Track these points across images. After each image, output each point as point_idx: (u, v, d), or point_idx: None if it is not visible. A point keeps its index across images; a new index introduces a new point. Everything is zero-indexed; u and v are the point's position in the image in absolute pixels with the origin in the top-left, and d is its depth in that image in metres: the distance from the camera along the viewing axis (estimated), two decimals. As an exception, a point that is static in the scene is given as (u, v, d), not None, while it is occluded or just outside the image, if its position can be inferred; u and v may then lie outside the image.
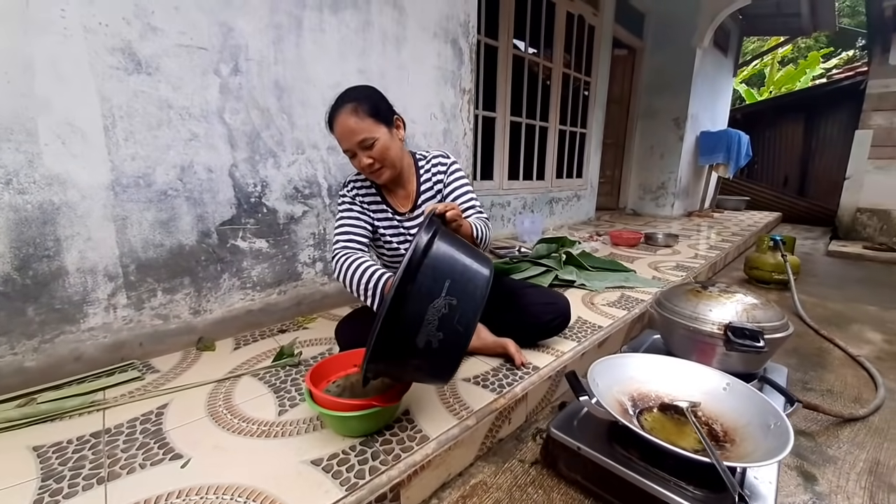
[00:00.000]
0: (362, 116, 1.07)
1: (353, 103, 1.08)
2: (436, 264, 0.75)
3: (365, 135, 1.07)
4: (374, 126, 1.08)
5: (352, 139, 1.08)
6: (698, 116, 4.79)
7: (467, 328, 0.75)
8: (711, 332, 1.08)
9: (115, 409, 1.01)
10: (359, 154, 1.10)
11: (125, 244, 1.18)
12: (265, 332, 1.46)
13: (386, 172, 1.14)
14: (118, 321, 1.20)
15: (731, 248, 3.08)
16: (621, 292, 1.91)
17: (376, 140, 1.09)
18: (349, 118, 1.07)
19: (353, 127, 1.07)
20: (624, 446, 0.84)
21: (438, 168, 1.26)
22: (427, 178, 1.26)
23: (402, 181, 1.24)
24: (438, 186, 1.26)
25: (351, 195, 1.23)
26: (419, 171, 1.27)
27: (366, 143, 1.08)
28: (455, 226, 0.94)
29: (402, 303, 0.72)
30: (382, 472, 0.80)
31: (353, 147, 1.10)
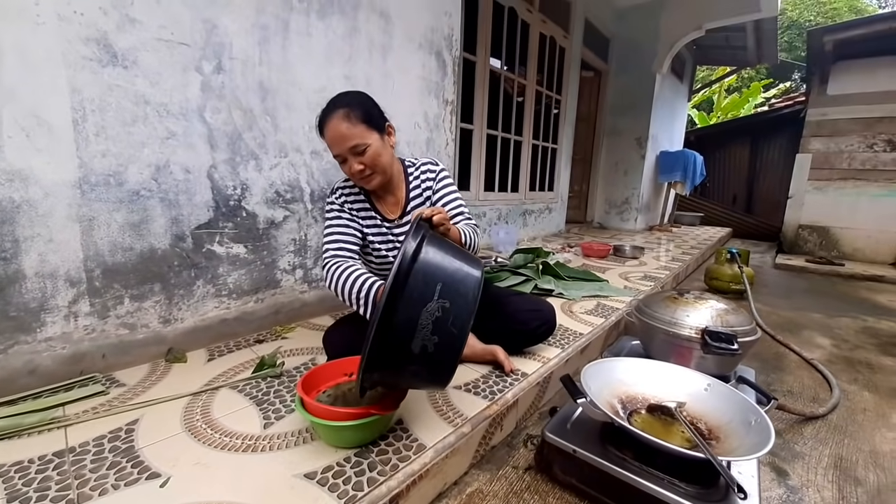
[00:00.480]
0: (354, 122, 1.06)
1: (346, 108, 1.07)
2: (426, 268, 0.74)
3: (357, 140, 1.06)
4: (366, 132, 1.08)
5: (343, 144, 1.07)
6: (658, 137, 5.10)
7: (462, 330, 0.74)
8: (689, 337, 1.14)
9: (78, 426, 0.92)
10: (350, 160, 1.09)
11: (91, 247, 1.10)
12: (241, 343, 1.39)
13: (376, 179, 1.14)
14: (79, 331, 1.11)
15: (691, 261, 3.27)
16: (597, 301, 1.98)
17: (368, 146, 1.08)
18: (341, 123, 1.06)
19: (345, 132, 1.06)
20: (617, 447, 0.87)
21: (427, 175, 1.27)
22: (416, 184, 1.26)
23: (391, 188, 1.23)
24: (427, 193, 1.26)
25: (339, 202, 1.20)
26: (408, 178, 1.27)
27: (357, 149, 1.07)
28: (443, 230, 0.94)
29: (395, 309, 0.71)
30: (381, 482, 0.77)
31: (344, 153, 1.08)
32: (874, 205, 3.84)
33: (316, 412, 0.83)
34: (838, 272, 3.47)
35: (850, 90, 3.99)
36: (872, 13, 14.57)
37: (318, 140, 1.53)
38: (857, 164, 3.93)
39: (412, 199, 1.25)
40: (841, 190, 3.93)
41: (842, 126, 4.01)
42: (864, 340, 1.97)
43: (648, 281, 2.44)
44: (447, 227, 0.95)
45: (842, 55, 3.92)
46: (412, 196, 1.25)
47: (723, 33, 5.00)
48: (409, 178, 1.26)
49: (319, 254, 1.64)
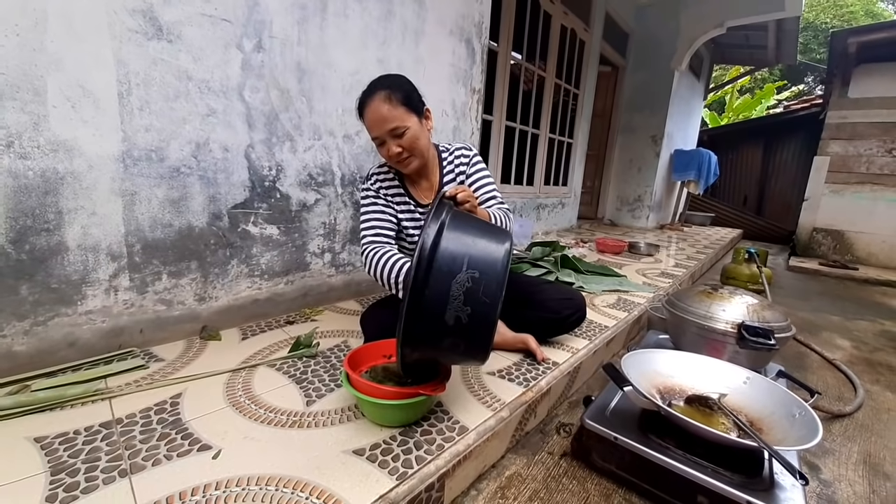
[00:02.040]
0: (395, 104, 1.06)
1: (387, 91, 1.06)
2: (452, 240, 0.75)
3: (397, 123, 1.06)
4: (405, 115, 1.07)
5: (383, 126, 1.07)
6: (673, 135, 5.07)
7: (493, 299, 0.74)
8: (725, 331, 1.14)
9: (122, 398, 0.94)
10: (388, 142, 1.09)
11: (132, 222, 1.10)
12: (272, 323, 1.40)
13: (414, 162, 1.13)
14: (119, 305, 1.11)
15: (705, 260, 3.27)
16: (617, 295, 1.98)
17: (407, 129, 1.08)
18: (382, 105, 1.05)
19: (386, 114, 1.05)
20: (659, 435, 0.87)
21: (461, 160, 1.27)
22: (450, 169, 1.26)
23: (426, 172, 1.23)
24: (461, 178, 1.26)
25: (375, 188, 1.20)
26: (442, 163, 1.27)
27: (397, 132, 1.07)
28: (468, 207, 0.94)
29: (426, 283, 0.72)
30: (430, 461, 0.78)
31: (383, 135, 1.08)
32: (891, 210, 3.82)
33: (364, 390, 0.84)
34: (852, 276, 3.46)
35: (871, 94, 3.95)
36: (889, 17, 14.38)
37: (351, 124, 1.54)
38: (876, 169, 3.90)
39: (445, 185, 1.25)
40: (858, 194, 3.91)
41: (861, 130, 3.98)
42: (883, 343, 1.97)
43: (666, 278, 2.43)
44: (473, 205, 0.95)
45: (864, 58, 3.87)
46: (446, 181, 1.25)
47: (743, 31, 4.94)
48: (442, 163, 1.26)
49: (357, 239, 1.64)
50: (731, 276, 2.61)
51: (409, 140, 1.09)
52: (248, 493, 0.68)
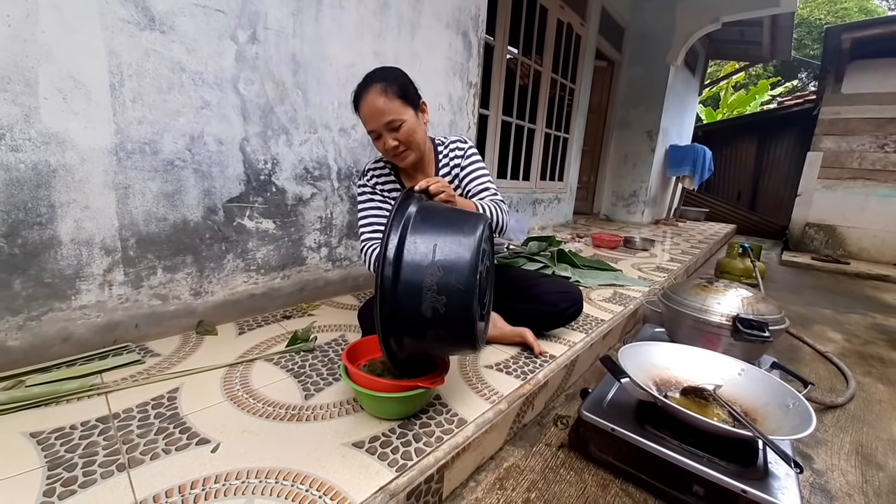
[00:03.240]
0: (391, 97, 1.05)
1: (383, 83, 1.06)
2: (418, 232, 0.75)
3: (393, 116, 1.05)
4: (402, 108, 1.07)
5: (379, 120, 1.06)
6: (668, 130, 5.08)
7: (467, 286, 0.72)
8: (719, 324, 1.15)
9: (118, 393, 0.93)
10: (384, 135, 1.08)
11: (126, 215, 1.09)
12: (268, 318, 1.39)
13: (410, 155, 1.13)
14: (113, 300, 1.10)
15: (700, 254, 3.29)
16: (613, 290, 1.99)
17: (403, 122, 1.07)
18: (378, 98, 1.05)
19: (382, 107, 1.05)
20: (655, 426, 0.88)
21: (456, 153, 1.26)
22: (445, 163, 1.26)
23: (422, 166, 1.23)
24: (456, 171, 1.26)
25: (371, 184, 1.20)
26: (438, 157, 1.27)
27: (393, 125, 1.07)
28: (444, 198, 0.91)
29: (396, 278, 0.72)
30: (429, 453, 0.78)
31: (379, 128, 1.08)
32: (882, 205, 3.86)
33: (363, 383, 0.84)
34: (844, 270, 3.50)
35: (864, 90, 3.98)
36: (882, 14, 14.46)
37: (347, 117, 1.53)
38: (868, 164, 3.94)
39: (440, 174, 1.25)
40: (850, 189, 3.95)
41: (854, 125, 4.01)
42: (874, 336, 2.00)
43: (661, 272, 2.45)
44: (449, 195, 0.93)
45: (858, 54, 3.90)
46: (441, 174, 1.24)
47: (738, 27, 4.94)
48: (438, 157, 1.26)
49: (355, 235, 1.64)
50: (726, 270, 2.64)
51: (405, 133, 1.08)
52: (248, 486, 0.68)
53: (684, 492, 0.81)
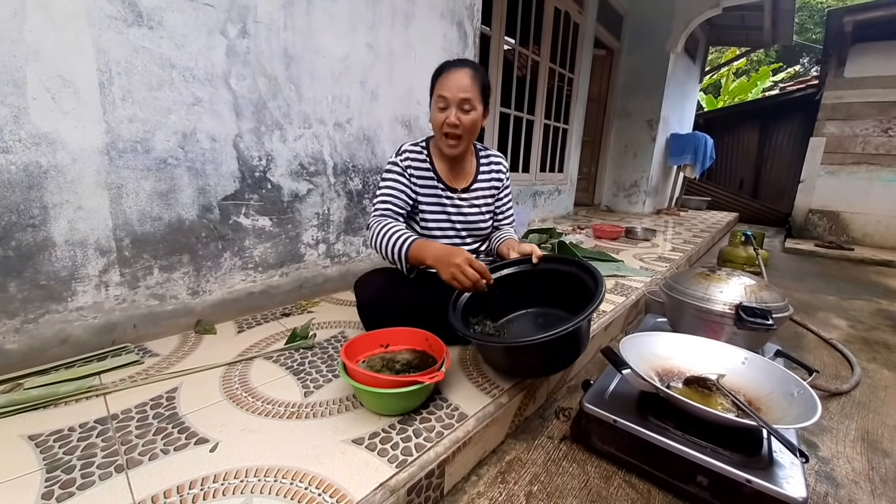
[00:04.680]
0: (476, 83, 1.10)
1: (474, 70, 1.11)
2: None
3: (471, 96, 1.10)
4: (478, 97, 1.12)
5: (458, 93, 1.09)
6: (669, 119, 5.03)
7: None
8: (722, 312, 1.14)
9: (116, 394, 0.92)
10: (453, 109, 1.10)
11: (120, 215, 1.08)
12: (268, 316, 1.38)
13: (462, 143, 1.16)
14: (110, 300, 1.10)
15: (702, 244, 3.27)
16: (615, 280, 1.97)
17: (474, 109, 1.12)
18: (466, 76, 1.09)
19: (467, 84, 1.09)
20: (658, 417, 0.87)
21: (498, 172, 1.33)
22: (486, 169, 1.31)
23: (462, 163, 1.26)
24: (496, 185, 1.32)
25: (403, 165, 1.19)
26: (478, 156, 1.31)
27: (465, 105, 1.10)
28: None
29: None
30: (429, 448, 0.78)
31: (453, 100, 1.10)
32: (886, 190, 3.82)
33: (362, 379, 0.83)
34: (848, 256, 3.47)
35: (867, 73, 3.92)
36: (886, -5, 14.18)
37: (341, 112, 1.51)
38: (871, 149, 3.89)
39: (479, 179, 1.29)
40: (854, 174, 3.90)
41: (857, 109, 3.95)
42: (879, 322, 1.98)
43: (663, 262, 2.43)
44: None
45: (861, 37, 3.83)
46: (481, 176, 1.29)
47: (739, 12, 4.86)
48: (479, 157, 1.31)
49: (353, 231, 1.64)
50: (728, 258, 2.61)
51: (470, 120, 1.12)
52: (247, 485, 0.68)
53: (688, 482, 0.80)
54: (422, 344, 1.03)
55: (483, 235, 1.32)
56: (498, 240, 1.31)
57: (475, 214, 1.27)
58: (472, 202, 1.27)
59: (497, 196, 1.33)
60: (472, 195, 1.27)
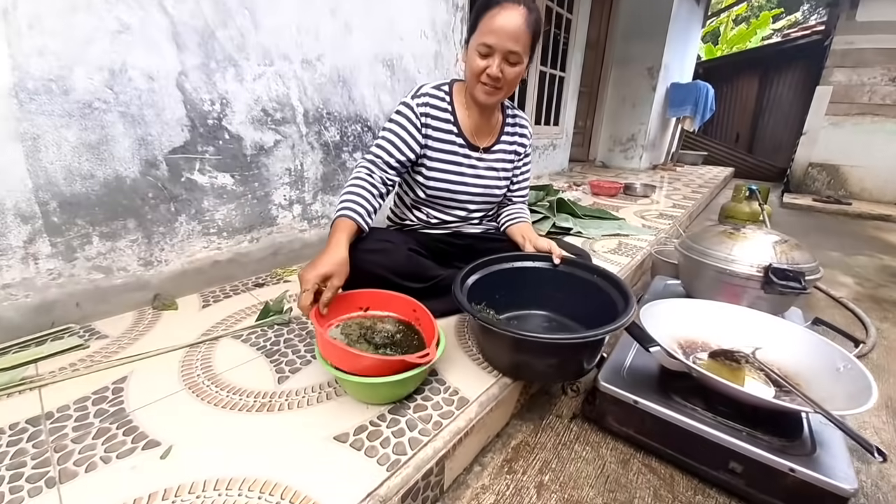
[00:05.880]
0: (529, 30, 0.90)
1: (528, 13, 0.89)
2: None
3: (520, 48, 0.90)
4: (528, 48, 0.93)
5: (507, 42, 0.89)
6: (670, 66, 4.73)
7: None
8: (748, 275, 1.02)
9: (54, 386, 0.78)
10: (496, 59, 0.91)
11: (40, 173, 0.88)
12: (238, 287, 1.23)
13: (498, 96, 0.98)
14: (42, 275, 0.93)
15: (701, 199, 3.15)
16: (618, 240, 1.85)
17: (520, 63, 0.93)
18: (521, 19, 0.88)
19: (519, 31, 0.89)
20: (683, 396, 0.77)
21: (524, 137, 1.16)
22: (511, 130, 1.13)
23: (490, 115, 1.08)
24: (518, 151, 1.15)
25: (420, 110, 1.00)
26: (505, 115, 1.12)
27: (512, 57, 0.92)
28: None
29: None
30: (426, 443, 0.66)
31: (499, 49, 0.90)
32: (889, 142, 3.70)
33: (338, 357, 0.69)
34: (845, 211, 3.41)
35: (880, 17, 3.66)
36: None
37: (310, 46, 1.27)
38: (878, 99, 3.72)
39: (502, 139, 1.12)
40: (858, 126, 3.75)
41: (867, 56, 3.74)
42: (885, 279, 1.92)
43: (665, 219, 2.32)
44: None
45: (878, -26, 3.54)
46: (504, 137, 1.12)
47: (750, -56, 4.45)
48: (505, 116, 1.12)
49: (332, 190, 1.45)
50: (731, 214, 2.50)
51: (515, 73, 0.94)
52: (204, 502, 0.55)
53: (718, 468, 0.71)
54: (408, 314, 0.89)
55: (493, 205, 1.17)
56: (510, 219, 1.15)
57: (491, 179, 1.10)
58: (492, 164, 1.10)
59: (516, 164, 1.15)
60: (493, 157, 1.10)
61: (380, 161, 0.98)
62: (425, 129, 1.02)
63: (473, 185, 1.09)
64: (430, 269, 1.02)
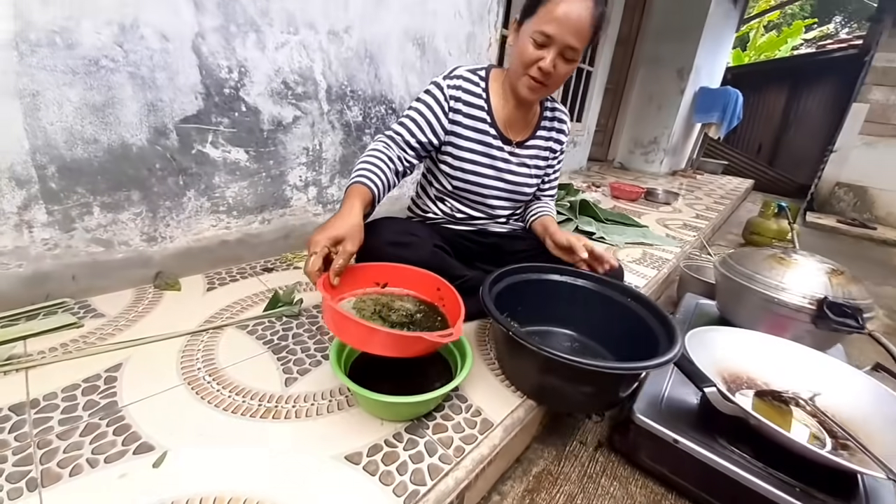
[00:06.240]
0: (593, 23, 0.79)
1: (596, 7, 0.78)
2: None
3: (579, 44, 0.80)
4: (584, 46, 0.82)
5: (568, 36, 0.78)
6: (701, 70, 4.56)
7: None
8: (799, 306, 0.94)
9: (42, 369, 0.72)
10: (552, 52, 0.81)
11: (39, 134, 0.80)
12: (245, 271, 1.16)
13: (542, 93, 0.89)
14: (37, 245, 0.85)
15: (725, 211, 3.05)
16: (643, 250, 1.77)
17: (574, 60, 0.83)
18: (588, 11, 0.77)
19: (583, 25, 0.78)
20: (730, 440, 0.70)
21: (562, 133, 1.06)
22: (549, 125, 1.04)
23: (529, 108, 0.98)
24: (553, 148, 1.06)
25: (450, 92, 0.91)
26: (543, 107, 1.03)
27: (568, 53, 0.81)
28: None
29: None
30: (447, 472, 0.60)
31: (557, 41, 0.79)
32: (923, 167, 3.56)
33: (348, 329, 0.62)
34: (870, 236, 3.30)
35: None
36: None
37: (338, 17, 1.17)
38: (917, 121, 3.56)
39: (538, 133, 1.02)
40: (892, 147, 3.61)
41: (910, 75, 3.57)
42: (917, 312, 1.84)
43: (689, 230, 2.22)
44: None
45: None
46: (540, 132, 1.03)
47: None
48: (544, 113, 1.03)
49: (349, 173, 1.36)
50: (757, 231, 2.41)
51: (566, 71, 0.84)
52: (199, 526, 0.49)
53: (763, 523, 0.65)
54: (430, 293, 0.80)
55: (521, 203, 1.08)
56: (533, 214, 1.08)
57: (522, 176, 1.01)
58: (524, 161, 1.01)
59: (550, 161, 1.06)
60: (527, 152, 1.01)
61: (399, 139, 0.90)
62: (453, 115, 0.92)
63: (503, 180, 1.00)
64: (455, 268, 0.95)
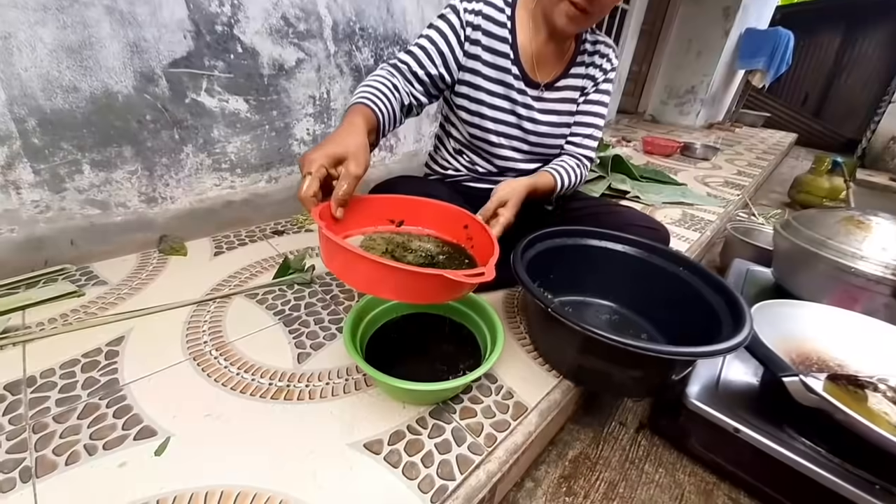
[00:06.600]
0: None
1: None
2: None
3: None
4: None
5: None
6: (749, 8, 4.06)
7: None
8: (880, 277, 0.81)
9: (41, 342, 0.67)
10: None
11: (14, 82, 0.70)
12: (254, 233, 1.08)
13: (584, 24, 0.73)
14: (27, 207, 0.78)
15: (768, 167, 2.80)
16: (682, 209, 1.62)
17: None
18: None
19: None
20: (800, 430, 0.61)
21: (602, 64, 0.86)
22: (587, 60, 0.86)
23: (563, 41, 0.81)
24: (587, 83, 0.87)
25: (468, 18, 0.76)
26: (579, 48, 0.85)
27: None
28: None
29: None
30: (478, 464, 0.53)
31: None
32: None
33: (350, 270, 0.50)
34: (928, 195, 3.01)
35: None
36: None
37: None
38: None
39: (572, 70, 0.85)
40: (965, 94, 3.21)
41: None
42: None
43: (732, 188, 2.04)
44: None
45: None
46: (575, 69, 0.85)
47: None
48: (579, 48, 0.85)
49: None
50: (806, 189, 2.20)
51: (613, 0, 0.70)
52: (204, 525, 0.44)
53: (836, 524, 0.57)
54: (456, 233, 0.65)
55: (547, 159, 0.91)
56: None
57: (546, 126, 0.85)
58: (551, 107, 0.85)
59: (584, 89, 0.87)
60: (556, 95, 0.85)
61: (405, 68, 0.75)
62: (471, 47, 0.77)
63: (522, 129, 0.84)
64: None
